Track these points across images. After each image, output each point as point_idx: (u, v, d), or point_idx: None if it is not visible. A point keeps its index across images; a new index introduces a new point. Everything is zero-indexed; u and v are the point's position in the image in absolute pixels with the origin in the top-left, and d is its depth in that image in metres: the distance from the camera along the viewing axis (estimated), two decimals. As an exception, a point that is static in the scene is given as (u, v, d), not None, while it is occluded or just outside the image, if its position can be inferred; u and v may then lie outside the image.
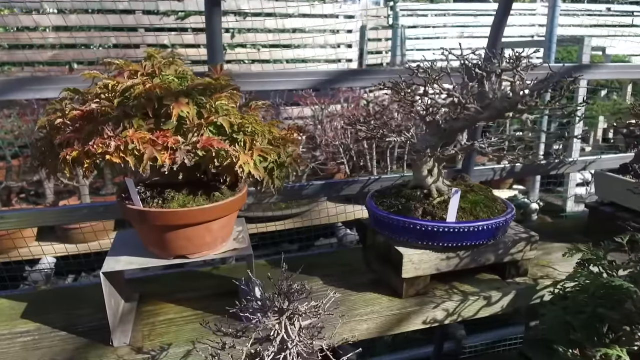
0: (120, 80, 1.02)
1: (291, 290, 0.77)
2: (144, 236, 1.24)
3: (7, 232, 3.33)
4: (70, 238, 3.60)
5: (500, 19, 1.61)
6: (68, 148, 0.95)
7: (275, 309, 0.76)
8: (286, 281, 0.80)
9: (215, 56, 1.40)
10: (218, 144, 1.04)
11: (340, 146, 4.25)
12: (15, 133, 4.02)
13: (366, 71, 1.65)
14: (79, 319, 1.37)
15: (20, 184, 3.96)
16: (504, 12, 1.60)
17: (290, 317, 0.77)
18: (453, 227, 1.37)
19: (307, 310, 0.77)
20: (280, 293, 0.78)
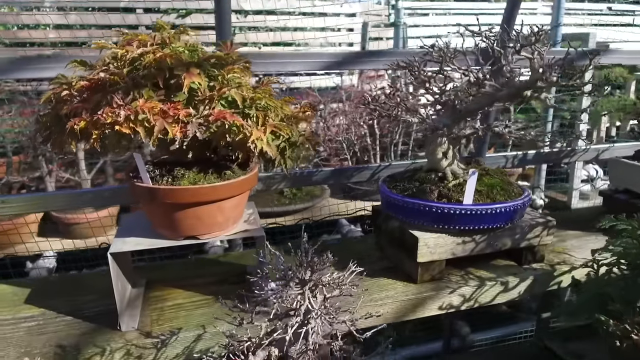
0: (130, 49, 0.98)
1: (314, 260, 0.73)
2: (153, 216, 1.20)
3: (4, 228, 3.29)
4: (71, 234, 3.56)
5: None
6: (76, 118, 0.91)
7: (297, 280, 0.72)
8: (307, 252, 0.76)
9: (224, 33, 1.36)
10: (231, 117, 1.00)
11: (343, 142, 4.21)
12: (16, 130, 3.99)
13: (379, 52, 1.61)
14: (84, 304, 1.33)
15: (21, 180, 3.91)
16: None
17: (312, 289, 0.73)
18: (470, 210, 1.33)
19: (331, 281, 0.73)
20: (302, 264, 0.74)
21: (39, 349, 1.14)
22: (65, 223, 3.56)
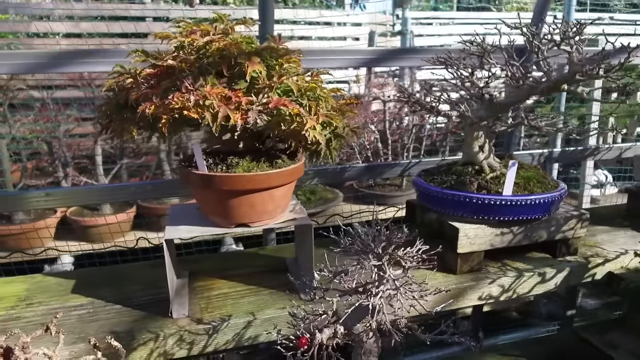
0: (195, 38, 1.01)
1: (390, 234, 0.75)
2: (206, 204, 1.22)
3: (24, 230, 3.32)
4: (88, 237, 3.59)
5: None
6: (146, 102, 0.94)
7: (376, 252, 0.75)
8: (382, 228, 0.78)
9: (267, 27, 1.40)
10: (290, 105, 1.03)
11: (356, 146, 4.25)
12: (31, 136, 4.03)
13: (415, 49, 1.65)
14: (131, 294, 1.35)
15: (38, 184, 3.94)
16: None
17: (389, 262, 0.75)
18: (510, 200, 1.36)
19: (406, 254, 0.75)
20: (377, 237, 0.77)
21: (93, 334, 1.15)
22: (82, 226, 3.58)
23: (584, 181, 4.21)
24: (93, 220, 3.57)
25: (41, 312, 1.25)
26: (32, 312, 1.25)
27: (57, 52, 1.32)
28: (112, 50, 1.33)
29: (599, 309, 3.03)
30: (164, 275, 1.21)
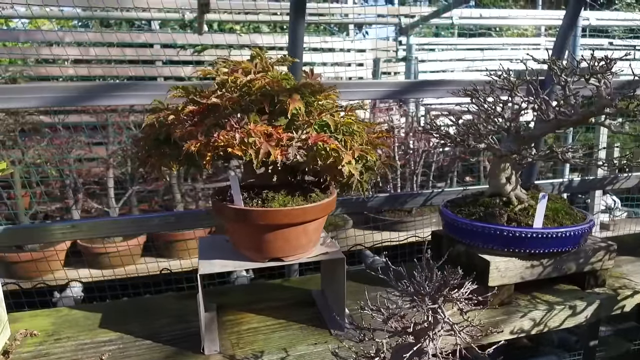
0: (238, 76, 1.03)
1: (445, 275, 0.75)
2: (240, 238, 1.22)
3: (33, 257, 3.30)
4: (97, 263, 3.56)
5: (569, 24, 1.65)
6: (191, 140, 0.95)
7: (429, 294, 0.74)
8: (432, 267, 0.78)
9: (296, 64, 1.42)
10: (329, 141, 1.04)
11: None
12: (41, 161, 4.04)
13: (438, 82, 1.67)
14: (160, 328, 1.33)
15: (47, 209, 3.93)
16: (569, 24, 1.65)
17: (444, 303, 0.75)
18: (541, 233, 1.35)
19: (460, 295, 0.75)
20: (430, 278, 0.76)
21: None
22: (92, 253, 3.56)
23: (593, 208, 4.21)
24: (103, 247, 3.55)
25: (70, 348, 1.23)
26: (61, 348, 1.23)
27: (90, 85, 1.33)
28: (141, 84, 1.35)
29: (620, 338, 2.99)
30: (190, 308, 1.20)
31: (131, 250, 3.56)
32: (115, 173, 3.85)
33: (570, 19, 1.67)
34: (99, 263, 3.52)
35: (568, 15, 1.68)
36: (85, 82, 1.68)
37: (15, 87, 1.26)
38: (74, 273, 3.18)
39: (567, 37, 1.66)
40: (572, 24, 1.68)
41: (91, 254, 3.55)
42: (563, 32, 1.67)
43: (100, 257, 3.56)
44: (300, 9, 1.38)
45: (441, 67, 7.89)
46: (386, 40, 7.87)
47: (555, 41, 1.69)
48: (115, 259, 3.37)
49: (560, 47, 1.68)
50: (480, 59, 7.91)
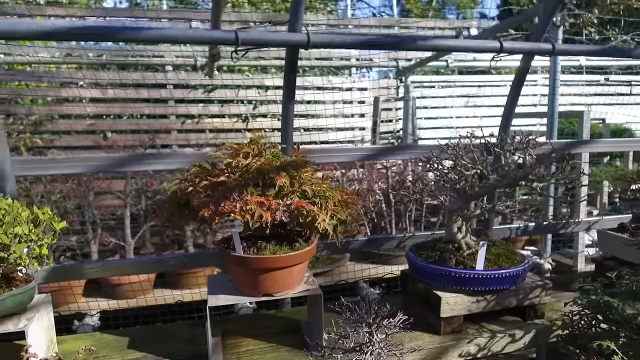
0: (239, 160, 1.39)
1: (378, 309, 1.09)
2: (239, 278, 1.56)
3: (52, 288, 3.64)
4: (115, 294, 3.89)
5: (509, 109, 2.02)
6: (205, 208, 1.31)
7: (368, 321, 1.08)
8: (372, 304, 1.12)
9: (287, 138, 1.80)
10: (307, 206, 1.40)
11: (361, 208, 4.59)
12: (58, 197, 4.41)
13: (404, 147, 2.02)
14: (175, 350, 1.66)
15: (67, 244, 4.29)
16: (511, 104, 2.01)
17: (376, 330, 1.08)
18: (481, 274, 1.69)
19: (388, 324, 1.08)
20: (368, 311, 1.10)
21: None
22: (110, 285, 3.90)
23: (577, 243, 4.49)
24: (119, 279, 3.89)
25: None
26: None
27: (126, 156, 1.71)
28: (165, 154, 1.72)
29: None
30: (199, 334, 1.52)
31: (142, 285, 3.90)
32: (132, 210, 4.23)
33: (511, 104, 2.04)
34: (115, 294, 3.86)
35: (509, 100, 2.05)
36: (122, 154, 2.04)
37: (67, 158, 1.62)
38: (94, 303, 3.51)
39: (510, 117, 2.03)
40: (514, 103, 2.04)
41: (109, 286, 3.89)
42: (507, 110, 2.03)
43: (116, 288, 3.90)
44: (291, 96, 1.76)
45: (441, 103, 8.31)
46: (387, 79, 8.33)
47: (501, 120, 2.05)
48: (129, 292, 3.72)
49: (505, 125, 2.04)
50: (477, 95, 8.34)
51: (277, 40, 1.57)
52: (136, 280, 3.88)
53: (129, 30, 1.39)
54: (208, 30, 1.55)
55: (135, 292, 3.82)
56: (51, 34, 1.36)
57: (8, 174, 1.60)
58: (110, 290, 3.90)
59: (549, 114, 4.78)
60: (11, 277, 1.41)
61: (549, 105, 4.84)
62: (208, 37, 1.43)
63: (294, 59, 1.69)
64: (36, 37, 1.34)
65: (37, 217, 1.39)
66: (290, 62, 1.70)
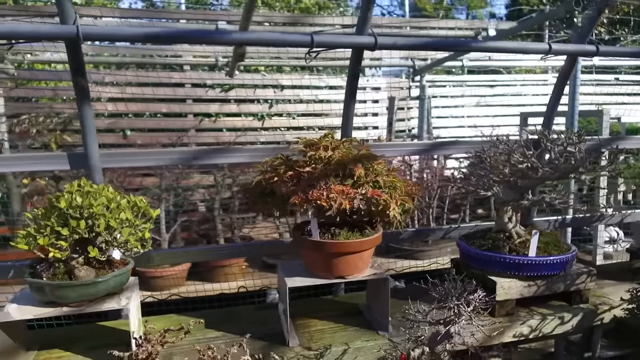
0: (320, 152, 1.52)
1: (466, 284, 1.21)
2: (314, 262, 1.69)
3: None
4: (151, 286, 4.03)
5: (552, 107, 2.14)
6: (295, 196, 1.44)
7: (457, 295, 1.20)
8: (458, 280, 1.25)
9: (347, 134, 1.93)
10: (381, 195, 1.52)
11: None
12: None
13: (453, 142, 2.14)
14: (250, 329, 1.77)
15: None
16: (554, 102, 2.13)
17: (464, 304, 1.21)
18: (534, 260, 1.81)
19: (474, 299, 1.21)
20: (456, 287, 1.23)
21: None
22: (147, 276, 4.04)
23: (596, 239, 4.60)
24: (157, 271, 4.03)
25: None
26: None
27: (200, 150, 1.84)
28: (237, 149, 1.85)
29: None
30: (269, 316, 1.64)
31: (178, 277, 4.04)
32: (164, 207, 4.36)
33: (556, 96, 2.16)
34: (150, 286, 3.99)
35: (552, 98, 2.17)
36: (196, 148, 2.15)
37: (149, 152, 1.75)
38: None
39: (553, 114, 2.14)
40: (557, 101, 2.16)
41: (145, 278, 4.03)
42: (550, 108, 2.15)
43: (151, 280, 4.04)
44: (353, 94, 1.89)
45: (452, 103, 8.42)
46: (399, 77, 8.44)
47: (544, 114, 2.17)
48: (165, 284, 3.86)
49: (548, 120, 2.16)
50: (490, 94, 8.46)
51: (346, 43, 1.70)
52: (171, 273, 4.02)
53: (226, 35, 1.52)
54: (289, 34, 1.67)
55: (170, 284, 3.97)
56: (149, 36, 1.49)
57: (97, 166, 1.73)
58: (148, 282, 4.03)
59: (568, 114, 4.89)
60: (111, 260, 1.55)
61: (569, 105, 4.95)
62: (291, 40, 1.55)
63: (358, 60, 1.81)
64: (138, 39, 1.46)
65: (135, 205, 1.52)
66: (354, 63, 1.82)
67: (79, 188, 1.41)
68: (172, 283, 4.05)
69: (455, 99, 8.36)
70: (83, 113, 1.64)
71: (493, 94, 8.40)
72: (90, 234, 1.40)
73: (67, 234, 1.37)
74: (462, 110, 8.38)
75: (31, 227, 1.39)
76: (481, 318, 1.24)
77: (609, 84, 9.08)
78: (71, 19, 1.47)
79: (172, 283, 4.07)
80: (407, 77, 8.38)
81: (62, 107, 6.18)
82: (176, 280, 4.11)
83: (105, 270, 1.50)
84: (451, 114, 8.37)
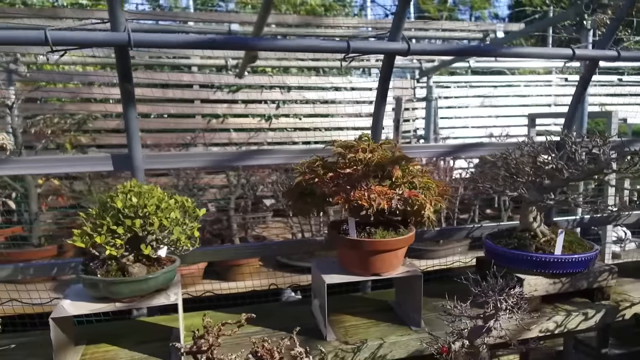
0: (359, 155, 1.59)
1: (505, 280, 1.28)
2: (350, 260, 1.75)
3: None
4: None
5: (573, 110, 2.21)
6: (337, 196, 1.51)
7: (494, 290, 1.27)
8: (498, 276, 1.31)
9: (377, 136, 2.00)
10: (418, 195, 1.59)
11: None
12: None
13: (480, 144, 2.20)
14: (286, 324, 1.85)
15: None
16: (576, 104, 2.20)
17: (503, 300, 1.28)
18: (560, 258, 1.88)
19: (513, 295, 1.28)
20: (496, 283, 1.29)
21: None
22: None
23: (605, 238, 4.67)
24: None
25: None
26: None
27: (240, 152, 1.91)
28: (275, 150, 1.91)
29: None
30: (300, 311, 1.71)
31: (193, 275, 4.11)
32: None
33: (577, 99, 2.22)
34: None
35: (574, 101, 2.24)
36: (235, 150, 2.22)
37: (189, 154, 1.81)
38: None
39: (574, 117, 2.22)
40: (578, 103, 2.23)
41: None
42: (572, 110, 2.22)
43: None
44: (384, 96, 1.95)
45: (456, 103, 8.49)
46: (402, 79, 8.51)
47: (566, 115, 2.24)
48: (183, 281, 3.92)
49: (570, 122, 2.23)
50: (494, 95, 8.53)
51: (380, 49, 1.77)
52: (187, 272, 4.09)
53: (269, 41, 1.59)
54: (327, 41, 1.74)
55: (186, 283, 4.03)
56: (194, 43, 1.56)
57: (140, 167, 1.80)
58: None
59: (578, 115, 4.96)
60: (159, 258, 1.61)
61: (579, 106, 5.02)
62: (330, 46, 1.62)
63: (390, 65, 1.88)
64: (185, 47, 1.53)
65: (183, 205, 1.59)
66: (386, 68, 1.89)
67: (132, 189, 1.48)
68: (188, 282, 4.12)
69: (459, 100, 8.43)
70: (128, 116, 1.71)
71: (497, 95, 8.49)
72: (143, 232, 1.47)
73: (122, 232, 1.44)
74: (466, 111, 8.45)
75: (87, 226, 1.45)
76: (520, 312, 1.31)
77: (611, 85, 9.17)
78: (122, 26, 1.54)
79: (188, 282, 4.13)
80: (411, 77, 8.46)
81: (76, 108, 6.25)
82: (192, 278, 4.17)
83: (154, 268, 1.57)
84: (455, 115, 8.45)
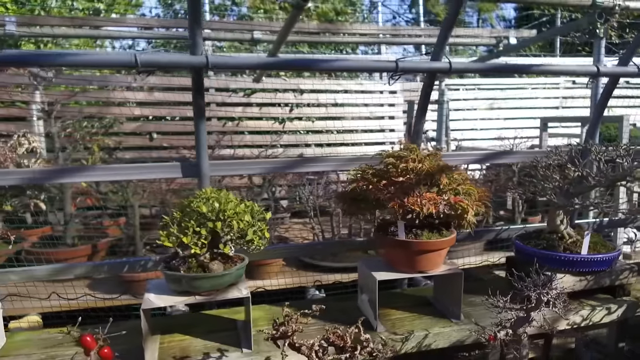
0: (409, 164, 1.78)
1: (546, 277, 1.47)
2: (398, 259, 1.94)
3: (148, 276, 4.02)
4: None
5: (596, 119, 2.39)
6: (392, 202, 1.70)
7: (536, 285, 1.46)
8: (539, 273, 1.50)
9: (417, 140, 2.19)
10: (463, 201, 1.78)
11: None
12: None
13: (511, 152, 2.39)
14: (336, 318, 2.04)
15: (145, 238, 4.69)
16: (599, 115, 2.39)
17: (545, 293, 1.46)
18: (586, 258, 2.06)
19: (554, 287, 1.46)
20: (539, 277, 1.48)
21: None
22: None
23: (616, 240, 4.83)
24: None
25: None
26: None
27: (292, 160, 2.09)
28: (326, 158, 2.11)
29: None
30: (347, 305, 1.91)
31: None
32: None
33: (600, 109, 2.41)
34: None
35: (597, 111, 2.42)
36: (288, 158, 2.39)
37: (249, 162, 2.00)
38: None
39: (597, 126, 2.40)
40: (601, 114, 2.41)
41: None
42: (595, 119, 2.41)
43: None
44: (424, 110, 2.14)
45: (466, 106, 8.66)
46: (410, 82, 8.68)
47: (588, 125, 2.42)
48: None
49: (593, 131, 2.42)
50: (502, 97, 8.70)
51: (425, 68, 1.96)
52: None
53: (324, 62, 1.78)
54: (376, 61, 1.93)
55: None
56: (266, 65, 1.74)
57: (207, 174, 1.99)
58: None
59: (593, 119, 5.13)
60: (231, 256, 1.81)
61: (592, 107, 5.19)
62: (379, 67, 1.81)
63: (431, 82, 2.07)
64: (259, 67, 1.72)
65: (252, 209, 1.78)
66: (427, 85, 2.08)
67: (212, 195, 1.67)
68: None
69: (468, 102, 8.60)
70: (199, 128, 1.90)
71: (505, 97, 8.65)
72: (223, 233, 1.66)
73: (205, 233, 1.63)
74: (475, 113, 8.62)
75: (173, 228, 1.65)
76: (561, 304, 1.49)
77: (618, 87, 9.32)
78: (200, 50, 1.73)
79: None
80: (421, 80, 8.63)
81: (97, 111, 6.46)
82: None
83: (228, 265, 1.76)
84: (464, 117, 8.61)
